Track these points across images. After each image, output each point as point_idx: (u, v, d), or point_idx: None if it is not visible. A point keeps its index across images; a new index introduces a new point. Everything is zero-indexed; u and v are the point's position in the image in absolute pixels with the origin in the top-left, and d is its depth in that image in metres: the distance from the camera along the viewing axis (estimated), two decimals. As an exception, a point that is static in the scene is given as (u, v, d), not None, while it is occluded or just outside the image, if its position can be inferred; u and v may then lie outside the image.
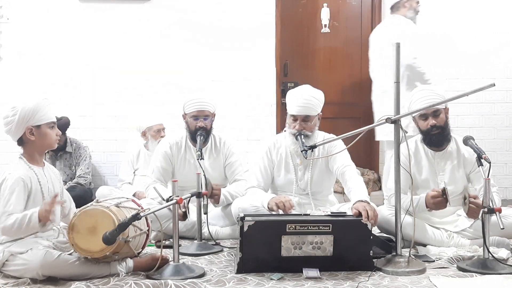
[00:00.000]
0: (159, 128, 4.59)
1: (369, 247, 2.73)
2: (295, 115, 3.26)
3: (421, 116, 3.24)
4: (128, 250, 2.64)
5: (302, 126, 3.24)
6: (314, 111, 3.27)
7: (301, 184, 3.40)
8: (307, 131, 3.24)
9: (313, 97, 3.27)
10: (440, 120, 3.22)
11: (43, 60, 5.08)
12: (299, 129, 3.23)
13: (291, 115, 3.30)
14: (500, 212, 2.68)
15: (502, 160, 5.17)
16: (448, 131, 3.27)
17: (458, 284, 2.52)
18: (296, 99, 3.26)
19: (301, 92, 3.29)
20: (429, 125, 3.21)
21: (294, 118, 3.28)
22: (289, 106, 3.31)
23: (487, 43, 5.10)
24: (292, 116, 3.29)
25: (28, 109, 2.67)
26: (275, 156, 3.45)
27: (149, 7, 5.12)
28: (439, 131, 3.22)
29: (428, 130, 3.23)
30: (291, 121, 3.29)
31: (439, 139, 3.25)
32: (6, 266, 2.60)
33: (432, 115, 3.20)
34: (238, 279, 2.62)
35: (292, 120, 3.29)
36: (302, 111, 3.24)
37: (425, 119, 3.22)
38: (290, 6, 5.42)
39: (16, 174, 2.62)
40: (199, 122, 3.61)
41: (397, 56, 2.79)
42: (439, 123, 3.21)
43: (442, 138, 3.25)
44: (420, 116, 3.24)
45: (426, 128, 3.23)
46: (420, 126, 3.28)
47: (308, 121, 3.26)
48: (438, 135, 3.24)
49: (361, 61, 5.48)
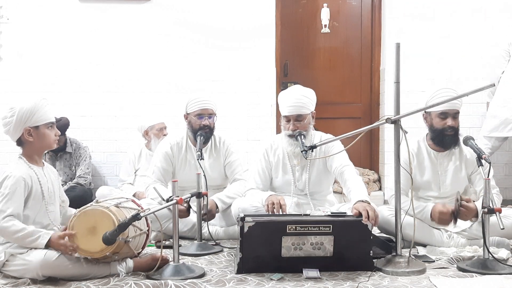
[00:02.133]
0: (161, 127, 4.61)
1: (369, 247, 2.73)
2: (287, 116, 3.28)
3: (440, 114, 3.21)
4: (128, 250, 2.64)
5: (295, 126, 3.25)
6: (306, 110, 3.27)
7: (299, 184, 3.40)
8: (301, 131, 3.24)
9: (304, 96, 3.28)
10: (457, 123, 3.22)
11: (43, 60, 5.08)
12: (293, 129, 3.24)
13: (284, 116, 3.32)
14: (500, 213, 2.68)
15: (502, 161, 5.17)
16: (458, 135, 3.26)
17: (458, 284, 2.52)
18: (287, 100, 3.28)
19: (291, 93, 3.31)
20: (447, 124, 3.19)
21: (287, 119, 3.30)
22: (281, 107, 3.34)
23: (487, 42, 5.09)
24: (285, 117, 3.31)
25: (25, 110, 2.65)
26: (273, 158, 3.46)
27: (149, 7, 5.12)
28: (453, 133, 3.22)
29: (443, 129, 3.21)
30: (285, 123, 3.31)
31: (451, 140, 3.24)
32: (6, 266, 2.60)
33: (453, 116, 3.19)
34: (238, 279, 2.62)
35: (285, 121, 3.31)
36: (293, 111, 3.25)
37: (444, 118, 3.20)
38: (290, 6, 5.41)
39: (18, 173, 2.61)
40: (204, 121, 3.61)
41: (397, 56, 2.79)
42: (456, 125, 3.21)
43: (453, 140, 3.24)
44: (440, 114, 3.21)
45: (442, 127, 3.21)
46: (434, 124, 3.25)
47: (301, 120, 3.26)
48: (451, 137, 3.23)
49: (361, 61, 5.49)
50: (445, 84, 4.92)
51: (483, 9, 5.12)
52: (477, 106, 4.98)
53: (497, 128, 4.49)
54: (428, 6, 5.14)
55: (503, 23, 5.07)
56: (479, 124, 4.96)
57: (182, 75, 5.12)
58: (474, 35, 5.12)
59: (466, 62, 5.11)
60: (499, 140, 4.56)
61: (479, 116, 5.03)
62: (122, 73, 5.12)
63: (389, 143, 4.87)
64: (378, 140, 5.41)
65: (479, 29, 5.11)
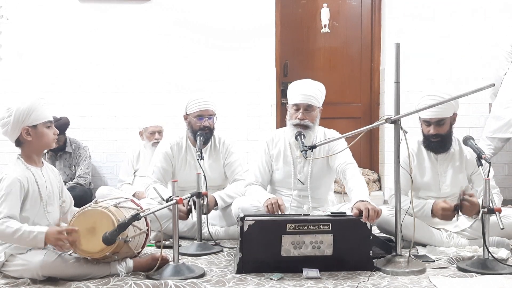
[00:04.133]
0: (153, 130, 4.58)
1: (369, 247, 2.73)
2: (298, 104, 3.24)
3: (424, 122, 3.23)
4: (128, 250, 2.64)
5: (304, 115, 3.22)
6: (317, 102, 3.26)
7: (300, 177, 3.37)
8: (309, 122, 3.23)
9: (316, 88, 3.29)
10: (443, 129, 3.20)
11: (43, 60, 5.08)
12: (301, 118, 3.21)
13: (293, 105, 3.27)
14: (500, 212, 2.68)
15: (502, 161, 5.17)
16: (449, 139, 3.25)
17: (458, 284, 2.52)
18: (300, 88, 3.26)
19: (305, 82, 3.31)
20: (429, 133, 3.21)
21: (296, 108, 3.26)
22: (291, 96, 3.29)
23: (487, 42, 5.09)
24: (294, 106, 3.27)
25: (23, 109, 2.65)
26: (273, 150, 3.44)
27: (149, 7, 5.12)
28: (438, 140, 3.22)
29: (428, 136, 3.23)
30: (293, 111, 3.27)
31: (437, 147, 3.25)
32: (6, 266, 2.60)
33: (436, 124, 3.18)
34: (238, 279, 2.62)
35: (294, 110, 3.27)
36: (305, 100, 3.23)
37: (428, 125, 3.22)
38: (290, 6, 5.41)
39: (13, 175, 2.60)
40: (204, 122, 3.61)
41: (397, 56, 2.79)
42: (441, 132, 3.20)
43: (440, 146, 3.25)
44: (423, 121, 3.23)
45: (427, 133, 3.23)
46: (422, 129, 3.28)
47: (311, 111, 3.25)
48: (437, 143, 3.23)
49: (361, 61, 5.49)
50: (445, 84, 4.96)
51: (483, 9, 5.12)
52: (477, 106, 4.97)
53: (500, 129, 4.50)
54: (428, 6, 5.13)
55: (503, 23, 5.06)
56: (479, 124, 4.96)
57: (182, 75, 5.12)
58: (474, 35, 5.11)
59: (466, 62, 5.11)
60: (502, 141, 4.57)
61: (479, 116, 5.03)
62: (122, 73, 5.12)
63: (389, 143, 4.87)
64: (378, 140, 5.41)
65: (479, 29, 5.11)
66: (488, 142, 4.55)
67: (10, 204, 2.55)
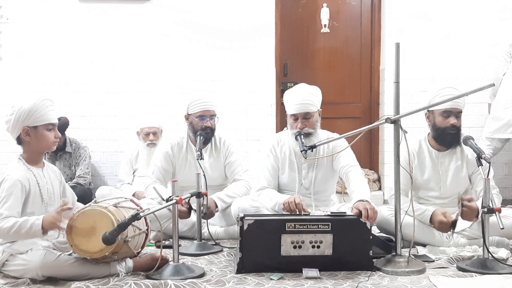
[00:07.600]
0: (148, 132, 4.56)
1: (368, 247, 2.73)
2: (295, 114, 3.25)
3: (443, 113, 3.21)
4: (128, 250, 2.64)
5: (304, 124, 3.22)
6: (313, 107, 3.25)
7: (305, 183, 3.38)
8: (309, 129, 3.23)
9: (311, 93, 3.27)
10: (459, 122, 3.22)
11: (43, 60, 5.09)
12: (301, 127, 3.21)
13: (291, 115, 3.28)
14: (500, 212, 2.68)
15: (502, 161, 5.17)
16: (460, 134, 3.26)
17: (458, 284, 2.52)
18: (294, 98, 3.25)
19: (298, 91, 3.29)
20: (450, 123, 3.20)
21: (294, 118, 3.26)
22: (288, 106, 3.30)
23: (486, 42, 5.09)
24: (292, 116, 3.27)
25: (24, 109, 2.65)
26: (279, 153, 3.43)
27: (149, 7, 5.12)
28: (455, 132, 3.22)
29: (446, 128, 3.21)
30: (292, 121, 3.27)
31: (453, 139, 3.24)
32: (6, 266, 2.60)
33: (456, 115, 3.19)
34: (238, 279, 2.62)
35: (293, 120, 3.27)
36: (301, 109, 3.22)
37: (447, 116, 3.20)
38: (290, 6, 5.42)
39: (14, 176, 2.60)
40: (206, 122, 3.61)
41: (397, 56, 2.79)
42: (457, 124, 3.21)
43: (455, 139, 3.24)
44: (443, 112, 3.21)
45: (445, 125, 3.21)
46: (437, 122, 3.25)
47: (309, 118, 3.24)
48: (453, 135, 3.23)
49: (361, 61, 5.49)
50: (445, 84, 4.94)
51: (483, 9, 5.12)
52: (478, 106, 4.97)
53: (499, 129, 4.50)
54: (428, 6, 5.14)
55: (503, 23, 5.06)
56: (479, 124, 4.96)
57: (182, 75, 5.13)
58: (474, 35, 5.12)
59: (466, 62, 5.11)
60: (501, 141, 4.57)
61: (479, 116, 5.03)
62: (122, 73, 5.12)
63: (389, 143, 4.87)
64: (378, 140, 5.41)
65: (479, 29, 5.11)
66: (488, 142, 4.55)
67: (11, 206, 2.54)
